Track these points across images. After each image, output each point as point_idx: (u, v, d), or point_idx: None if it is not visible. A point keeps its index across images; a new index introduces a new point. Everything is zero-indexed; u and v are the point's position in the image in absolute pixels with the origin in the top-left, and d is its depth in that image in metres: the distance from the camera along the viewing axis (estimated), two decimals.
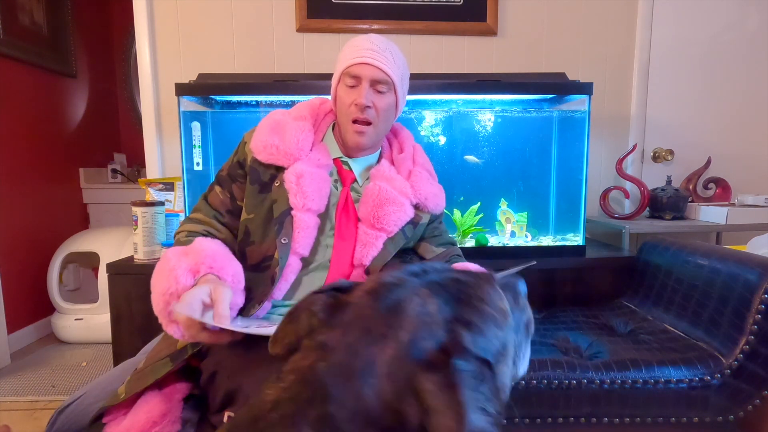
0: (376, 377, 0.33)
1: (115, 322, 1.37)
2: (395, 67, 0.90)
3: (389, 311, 0.37)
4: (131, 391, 0.66)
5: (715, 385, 0.99)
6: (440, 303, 0.38)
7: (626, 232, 1.64)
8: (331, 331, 0.37)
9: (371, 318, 0.37)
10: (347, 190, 0.92)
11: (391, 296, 0.38)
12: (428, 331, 0.35)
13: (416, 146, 1.03)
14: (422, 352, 0.34)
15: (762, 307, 0.97)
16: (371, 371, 0.33)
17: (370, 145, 0.93)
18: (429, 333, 0.35)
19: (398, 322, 0.36)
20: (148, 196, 1.54)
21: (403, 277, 0.41)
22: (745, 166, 1.96)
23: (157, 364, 0.70)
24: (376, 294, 0.39)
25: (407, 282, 0.40)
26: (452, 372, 0.32)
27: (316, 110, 0.97)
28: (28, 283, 2.20)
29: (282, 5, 1.79)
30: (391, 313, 0.37)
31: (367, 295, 0.39)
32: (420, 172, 0.96)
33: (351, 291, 0.42)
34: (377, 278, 0.42)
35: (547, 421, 1.03)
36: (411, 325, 0.35)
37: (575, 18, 1.85)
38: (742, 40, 1.92)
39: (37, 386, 1.74)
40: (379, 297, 0.38)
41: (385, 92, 0.89)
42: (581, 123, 1.52)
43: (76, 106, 2.60)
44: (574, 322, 1.29)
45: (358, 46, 0.89)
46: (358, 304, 0.39)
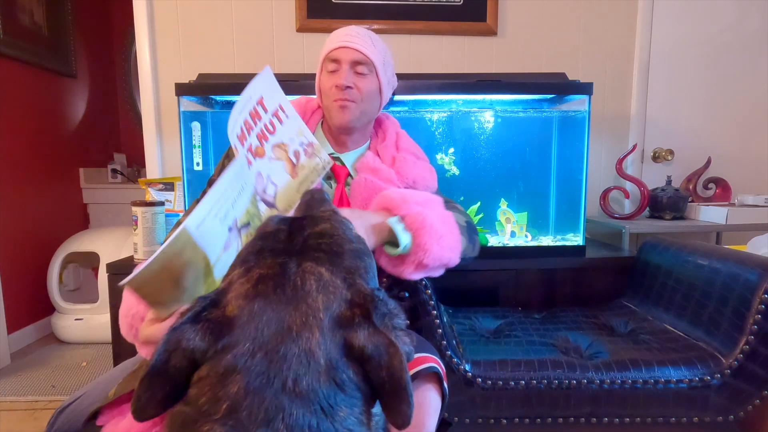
0: (320, 363, 0.35)
1: (115, 322, 1.37)
2: (375, 50, 0.90)
3: (295, 301, 0.37)
4: (121, 391, 0.66)
5: (715, 385, 0.99)
6: (327, 267, 0.40)
7: (626, 232, 1.64)
8: (238, 349, 0.35)
9: (281, 317, 0.36)
10: (341, 187, 0.91)
11: (285, 287, 0.38)
12: (336, 298, 0.38)
13: (400, 132, 1.02)
14: (341, 319, 0.37)
15: (762, 307, 0.97)
16: (313, 360, 0.35)
17: (356, 123, 0.91)
18: (337, 299, 0.38)
19: (309, 307, 0.37)
20: (148, 196, 1.54)
21: (277, 261, 0.40)
22: (745, 166, 1.95)
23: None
24: (264, 293, 0.38)
25: (286, 265, 0.40)
26: (375, 320, 0.37)
27: (303, 108, 0.97)
28: (28, 283, 2.20)
29: (282, 5, 1.79)
30: (296, 301, 0.37)
31: (256, 299, 0.38)
32: (404, 157, 0.95)
33: (217, 306, 0.39)
34: (249, 277, 0.40)
35: (547, 421, 1.03)
36: (321, 302, 0.37)
37: (575, 18, 1.85)
38: (743, 40, 1.92)
39: (37, 386, 1.74)
40: (273, 293, 0.38)
41: (366, 74, 0.89)
42: (581, 123, 1.52)
43: (76, 106, 2.59)
44: (574, 322, 1.29)
45: (337, 35, 0.91)
46: (252, 310, 0.37)
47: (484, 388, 1.01)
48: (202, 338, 0.37)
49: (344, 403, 0.35)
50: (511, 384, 1.01)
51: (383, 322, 0.38)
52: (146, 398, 0.37)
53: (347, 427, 0.34)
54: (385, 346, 0.36)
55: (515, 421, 1.03)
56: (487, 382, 1.01)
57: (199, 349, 0.36)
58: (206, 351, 0.36)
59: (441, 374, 0.74)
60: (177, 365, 0.37)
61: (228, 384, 0.34)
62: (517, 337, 1.17)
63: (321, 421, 0.33)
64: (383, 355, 0.36)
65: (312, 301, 0.37)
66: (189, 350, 0.36)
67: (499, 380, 1.01)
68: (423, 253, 0.75)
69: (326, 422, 0.33)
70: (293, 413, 0.32)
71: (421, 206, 0.79)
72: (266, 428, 0.32)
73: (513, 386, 1.01)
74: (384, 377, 0.36)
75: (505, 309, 1.40)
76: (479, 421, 1.04)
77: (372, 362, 0.36)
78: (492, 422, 1.04)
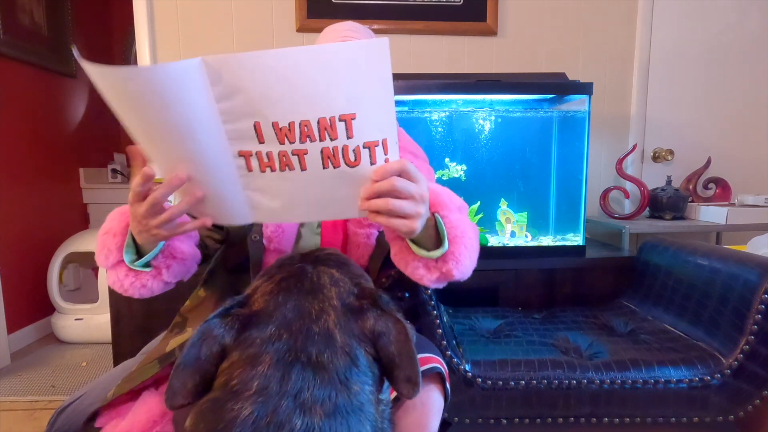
0: (336, 339, 0.41)
1: (115, 322, 1.37)
2: None
3: (313, 292, 0.45)
4: (119, 392, 0.66)
5: (715, 385, 0.99)
6: (337, 269, 0.48)
7: (626, 232, 1.64)
8: (266, 332, 0.41)
9: (301, 304, 0.44)
10: None
11: (303, 282, 0.47)
12: (346, 291, 0.46)
13: (398, 130, 0.99)
14: (352, 307, 0.45)
15: (762, 307, 0.97)
16: (331, 336, 0.41)
17: None
18: (347, 291, 0.46)
19: (325, 296, 0.45)
20: None
21: (297, 265, 0.50)
22: (745, 166, 1.96)
23: (146, 367, 0.70)
24: (287, 288, 0.46)
25: (304, 267, 0.49)
26: (382, 305, 0.45)
27: None
28: (28, 283, 2.20)
29: (282, 5, 1.79)
30: (314, 293, 0.45)
31: (279, 294, 0.46)
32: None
33: (245, 304, 0.47)
34: (272, 280, 0.48)
35: (547, 421, 1.03)
36: (334, 292, 0.45)
37: (575, 18, 1.85)
38: (743, 40, 1.92)
39: (37, 386, 1.74)
40: (294, 287, 0.46)
41: None
42: (581, 123, 1.52)
43: (76, 106, 2.59)
44: (574, 322, 1.29)
45: (335, 30, 0.88)
46: (277, 302, 0.44)
47: (484, 388, 1.01)
48: (231, 328, 0.43)
49: (357, 378, 0.40)
50: (511, 384, 1.01)
51: (388, 307, 0.45)
52: (178, 387, 0.41)
53: (360, 401, 0.39)
54: (392, 322, 0.44)
55: (515, 421, 1.03)
56: (487, 382, 1.01)
57: (228, 337, 0.42)
58: (235, 339, 0.42)
59: (444, 375, 0.74)
60: (207, 354, 0.42)
61: (258, 364, 0.39)
62: (517, 337, 1.17)
63: (339, 392, 0.38)
64: (392, 331, 0.43)
65: (327, 291, 0.45)
66: (219, 340, 0.42)
67: (499, 380, 1.01)
68: (455, 264, 0.67)
69: (342, 395, 0.38)
70: (316, 384, 0.37)
71: (460, 212, 0.70)
72: (294, 400, 0.36)
73: (513, 386, 1.01)
74: (393, 351, 0.43)
75: (505, 309, 1.40)
76: (479, 421, 1.04)
77: (383, 338, 0.43)
78: (492, 422, 1.04)
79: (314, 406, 0.36)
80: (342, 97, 0.48)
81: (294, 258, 0.54)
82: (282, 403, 0.36)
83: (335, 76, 0.47)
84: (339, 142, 0.50)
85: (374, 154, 0.52)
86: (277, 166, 0.51)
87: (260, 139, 0.50)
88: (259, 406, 0.36)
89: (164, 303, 0.89)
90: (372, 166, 0.52)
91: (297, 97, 0.47)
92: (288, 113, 0.48)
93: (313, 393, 0.37)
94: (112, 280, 0.70)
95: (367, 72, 0.47)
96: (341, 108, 0.48)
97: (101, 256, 0.69)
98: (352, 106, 0.48)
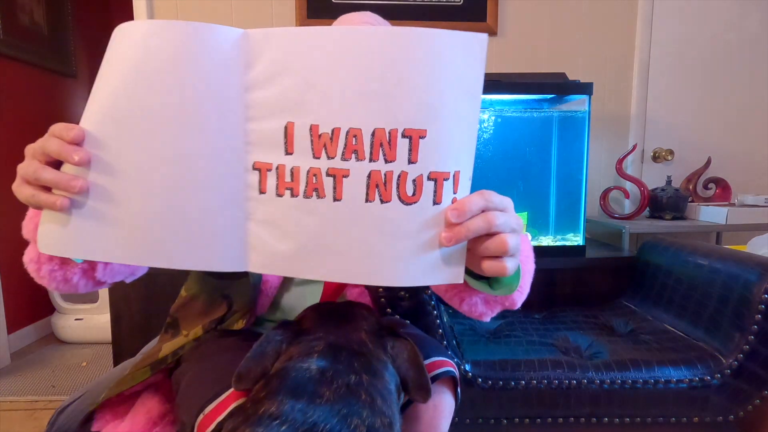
0: (369, 345, 0.53)
1: (115, 322, 1.37)
2: None
3: (347, 316, 0.57)
4: (109, 395, 0.64)
5: (715, 385, 0.99)
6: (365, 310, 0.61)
7: (626, 232, 1.64)
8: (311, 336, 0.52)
9: (339, 324, 0.55)
10: None
11: (340, 312, 0.58)
12: (372, 324, 0.57)
13: None
14: (377, 331, 0.56)
15: (762, 307, 0.97)
16: (365, 343, 0.53)
17: None
18: (372, 324, 0.57)
19: (356, 320, 0.57)
20: None
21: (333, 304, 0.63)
22: (745, 166, 1.95)
23: (138, 372, 0.68)
24: (327, 314, 0.58)
25: (338, 305, 0.63)
26: (396, 334, 0.56)
27: None
28: (28, 283, 2.18)
29: (282, 5, 1.79)
30: (348, 316, 0.58)
31: (320, 317, 0.57)
32: None
33: (298, 323, 0.58)
34: (316, 309, 0.61)
35: (547, 421, 1.03)
36: (363, 322, 0.56)
37: (575, 18, 1.85)
38: (743, 40, 1.92)
39: (37, 386, 1.74)
40: (333, 314, 0.58)
41: None
42: (581, 123, 1.52)
43: (76, 106, 2.59)
44: (574, 322, 1.29)
45: (351, 20, 0.81)
46: (319, 322, 0.56)
47: (484, 388, 1.01)
48: (285, 336, 0.53)
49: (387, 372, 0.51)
50: (511, 384, 1.01)
51: (403, 334, 0.57)
52: (245, 372, 0.50)
53: (388, 389, 0.49)
54: (406, 345, 0.55)
55: (515, 421, 1.03)
56: (487, 382, 1.01)
57: (285, 343, 0.52)
58: (289, 344, 0.52)
59: (457, 378, 0.74)
60: (269, 352, 0.51)
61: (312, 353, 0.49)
62: (517, 337, 1.17)
63: (369, 384, 0.47)
64: (405, 352, 0.54)
65: (357, 321, 0.56)
66: (277, 344, 0.52)
67: (499, 380, 1.01)
68: (520, 294, 0.59)
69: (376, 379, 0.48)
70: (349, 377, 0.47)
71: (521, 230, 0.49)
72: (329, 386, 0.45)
73: (513, 386, 1.01)
74: (408, 366, 0.53)
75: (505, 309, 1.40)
76: (479, 421, 1.04)
77: (399, 356, 0.54)
78: (492, 422, 1.04)
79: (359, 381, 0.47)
80: (413, 102, 0.35)
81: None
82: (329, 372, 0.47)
83: (411, 71, 0.34)
84: (396, 167, 0.36)
85: (440, 192, 0.37)
86: (302, 189, 0.37)
87: (288, 148, 0.37)
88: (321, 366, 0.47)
89: (165, 303, 0.89)
90: (435, 206, 0.38)
91: (352, 93, 0.35)
92: (335, 115, 0.36)
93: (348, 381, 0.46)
94: (29, 257, 0.60)
95: (453, 74, 0.35)
96: (408, 119, 0.35)
97: (28, 221, 0.58)
98: (424, 119, 0.35)
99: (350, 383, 0.45)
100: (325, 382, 0.45)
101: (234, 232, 0.40)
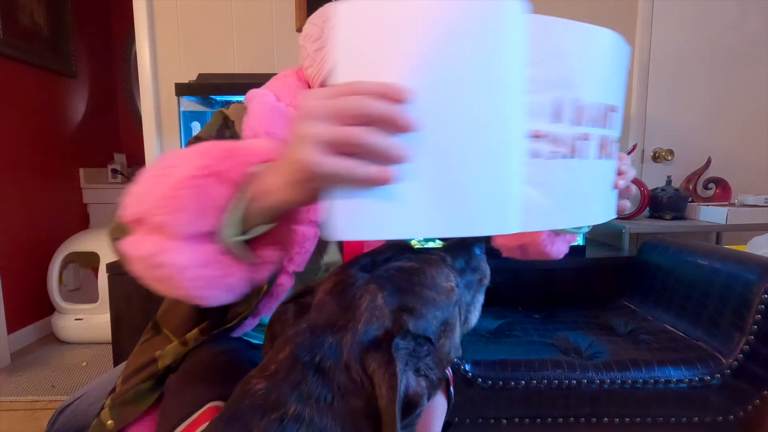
0: (341, 356, 0.41)
1: (115, 322, 1.37)
2: None
3: (347, 308, 0.44)
4: (123, 421, 0.62)
5: (715, 385, 0.99)
6: (386, 295, 0.44)
7: (626, 232, 1.64)
8: (299, 327, 0.45)
9: (333, 314, 0.44)
10: None
11: (347, 294, 0.45)
12: (377, 322, 0.43)
13: None
14: (372, 337, 0.42)
15: (762, 307, 0.97)
16: (338, 352, 0.41)
17: None
18: (378, 323, 0.43)
19: (354, 316, 0.43)
20: None
21: (355, 273, 0.48)
22: (745, 166, 1.95)
23: (141, 388, 0.65)
24: (334, 293, 0.46)
25: (358, 279, 0.47)
26: (391, 348, 0.39)
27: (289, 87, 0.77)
28: (28, 283, 2.20)
29: (282, 5, 1.79)
30: (348, 308, 0.44)
31: (327, 295, 0.46)
32: None
33: (313, 293, 0.49)
34: (334, 278, 0.48)
35: (547, 421, 1.03)
36: (364, 317, 0.43)
37: (575, 18, 1.83)
38: (743, 40, 1.92)
39: (37, 386, 1.74)
40: (337, 295, 0.46)
41: None
42: None
43: (76, 106, 2.59)
44: (574, 322, 1.29)
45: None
46: (321, 304, 0.46)
47: (484, 388, 1.01)
48: (293, 315, 0.48)
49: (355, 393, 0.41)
50: (511, 384, 1.01)
51: (405, 358, 0.41)
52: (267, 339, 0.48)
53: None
54: (388, 378, 0.39)
55: (515, 421, 1.03)
56: (487, 382, 1.01)
57: (288, 321, 0.48)
58: (291, 325, 0.46)
59: (449, 379, 0.74)
60: (276, 331, 0.48)
61: (281, 351, 0.43)
62: (517, 337, 1.17)
63: (335, 395, 0.40)
64: (382, 385, 0.39)
65: (359, 313, 0.43)
66: (284, 320, 0.48)
67: (499, 380, 1.01)
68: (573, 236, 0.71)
69: (339, 397, 0.40)
70: (315, 382, 0.40)
71: None
72: (295, 391, 0.40)
73: (513, 386, 1.01)
74: (380, 402, 0.38)
75: (505, 309, 1.40)
76: (479, 421, 1.04)
77: (375, 386, 0.39)
78: (492, 422, 1.04)
79: (309, 400, 0.40)
80: (617, 88, 0.49)
81: (360, 260, 0.50)
82: (284, 388, 0.40)
83: (623, 69, 0.50)
84: (607, 132, 0.48)
85: (614, 151, 0.52)
86: (565, 151, 0.44)
87: (555, 117, 0.43)
88: (269, 385, 0.41)
89: None
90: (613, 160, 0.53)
91: (597, 78, 0.46)
92: (593, 92, 0.46)
93: (311, 389, 0.40)
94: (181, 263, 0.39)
95: (625, 70, 0.51)
96: (615, 97, 0.49)
97: (179, 214, 0.39)
98: (618, 99, 0.50)
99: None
100: None
101: (514, 196, 0.42)
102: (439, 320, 0.47)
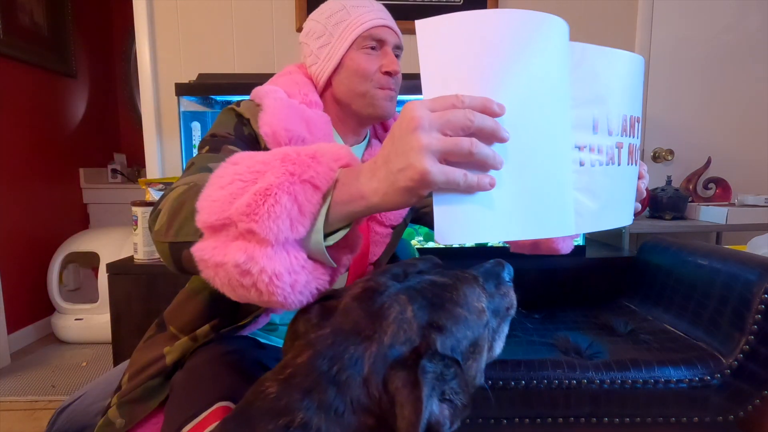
0: (362, 370, 0.39)
1: (115, 322, 1.37)
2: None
3: (374, 316, 0.42)
4: (133, 419, 0.62)
5: (715, 385, 0.99)
6: (416, 309, 0.42)
7: (626, 232, 1.64)
8: (322, 331, 0.42)
9: (359, 321, 0.42)
10: None
11: (375, 302, 0.43)
12: (405, 336, 0.40)
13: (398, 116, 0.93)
14: (398, 353, 0.40)
15: (762, 307, 0.97)
16: (359, 365, 0.39)
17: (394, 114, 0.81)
18: (405, 338, 0.40)
19: (381, 327, 0.41)
20: (148, 196, 1.54)
21: (386, 282, 0.46)
22: (745, 166, 1.96)
23: (149, 384, 0.65)
24: (362, 300, 0.44)
25: (389, 288, 0.44)
26: (418, 371, 0.37)
27: (314, 89, 0.80)
28: (28, 283, 2.20)
29: (282, 5, 1.79)
30: (375, 317, 0.41)
31: (354, 301, 0.44)
32: None
33: (340, 297, 0.46)
34: (363, 284, 0.46)
35: (547, 421, 1.03)
36: (391, 329, 0.40)
37: (575, 18, 1.85)
38: (743, 40, 1.92)
39: (37, 386, 1.74)
40: (365, 302, 0.43)
41: (400, 59, 0.82)
42: None
43: (76, 106, 2.60)
44: (574, 322, 1.29)
45: (369, 9, 0.77)
46: (348, 309, 0.43)
47: (483, 388, 1.01)
48: (317, 316, 0.45)
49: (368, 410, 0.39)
50: (511, 384, 1.01)
51: (432, 382, 0.39)
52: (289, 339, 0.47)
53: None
54: (413, 401, 0.37)
55: (515, 421, 1.03)
56: (487, 382, 1.01)
57: (311, 321, 0.45)
58: (313, 327, 0.44)
59: None
60: (299, 331, 0.46)
61: (299, 355, 0.41)
62: (517, 337, 1.17)
63: (347, 408, 0.38)
64: (405, 408, 0.37)
65: (386, 324, 0.41)
66: (307, 319, 0.45)
67: (499, 380, 1.01)
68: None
69: (350, 410, 0.38)
70: (329, 392, 0.38)
71: None
72: (306, 398, 0.38)
73: (513, 386, 1.00)
74: (400, 423, 0.37)
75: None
76: (479, 421, 1.04)
77: (396, 406, 0.38)
78: (492, 422, 1.03)
79: (319, 409, 0.38)
80: (638, 100, 0.56)
81: (392, 269, 0.49)
82: (295, 395, 0.39)
83: (639, 80, 0.55)
84: (633, 141, 0.55)
85: (638, 157, 0.58)
86: (605, 160, 0.50)
87: (595, 129, 0.49)
88: (281, 390, 0.39)
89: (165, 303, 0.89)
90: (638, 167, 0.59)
91: (622, 95, 0.52)
92: (621, 106, 0.52)
93: (324, 398, 0.38)
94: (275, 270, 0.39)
95: (642, 82, 0.56)
96: (638, 109, 0.55)
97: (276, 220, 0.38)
98: (639, 111, 0.56)
99: None
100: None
101: (567, 201, 0.47)
102: (469, 340, 0.45)
